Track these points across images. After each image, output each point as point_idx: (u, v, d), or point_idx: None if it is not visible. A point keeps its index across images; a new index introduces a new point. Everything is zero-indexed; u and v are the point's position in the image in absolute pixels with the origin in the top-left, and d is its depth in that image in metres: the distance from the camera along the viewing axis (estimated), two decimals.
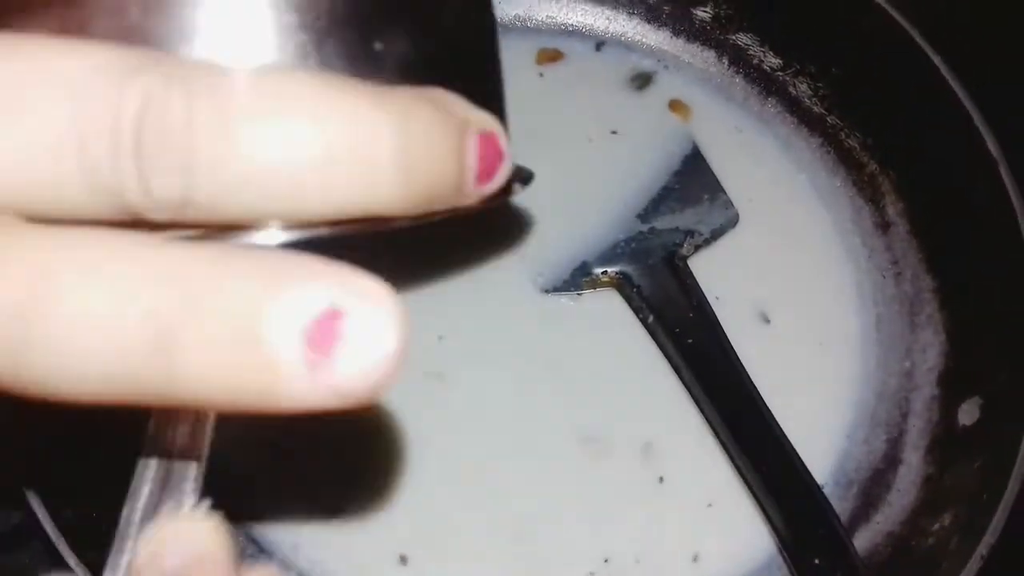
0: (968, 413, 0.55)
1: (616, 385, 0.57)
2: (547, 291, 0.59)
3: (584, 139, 0.64)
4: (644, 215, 0.61)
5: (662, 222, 0.61)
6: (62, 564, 0.46)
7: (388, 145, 0.24)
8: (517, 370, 0.57)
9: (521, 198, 0.62)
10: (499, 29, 0.54)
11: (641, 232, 0.61)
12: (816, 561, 0.50)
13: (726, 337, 0.57)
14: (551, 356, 0.58)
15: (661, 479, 0.55)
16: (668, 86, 0.66)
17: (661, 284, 0.59)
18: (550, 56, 0.67)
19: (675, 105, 0.66)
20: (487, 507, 0.54)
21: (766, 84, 0.67)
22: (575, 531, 0.54)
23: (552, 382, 0.57)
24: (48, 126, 0.22)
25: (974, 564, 0.47)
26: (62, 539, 0.44)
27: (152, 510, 0.29)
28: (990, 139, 0.55)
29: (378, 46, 0.28)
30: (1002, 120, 0.56)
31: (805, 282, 0.62)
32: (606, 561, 0.53)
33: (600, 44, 0.68)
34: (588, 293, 0.60)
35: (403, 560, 0.53)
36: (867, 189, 0.64)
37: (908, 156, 0.62)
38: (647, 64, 0.67)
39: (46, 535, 0.45)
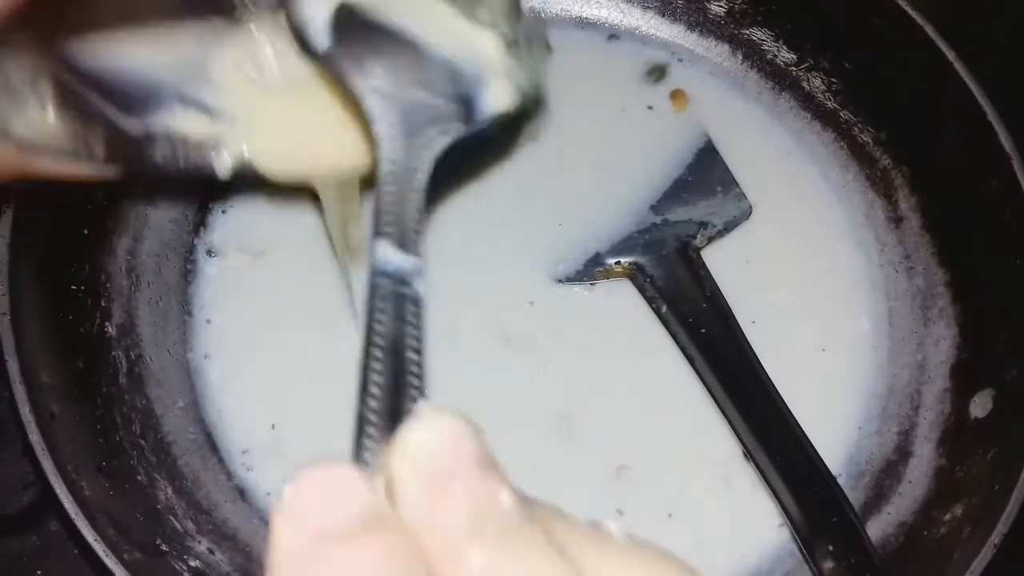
0: (980, 405, 0.55)
1: (629, 373, 0.58)
2: (561, 281, 0.60)
3: (598, 131, 0.64)
4: (657, 207, 0.61)
5: (675, 214, 0.61)
6: (80, 545, 0.46)
7: None
8: (531, 358, 0.58)
9: (536, 189, 0.62)
10: None
11: (654, 223, 0.61)
12: (829, 548, 0.50)
13: (739, 327, 0.57)
14: (564, 344, 0.58)
15: (672, 467, 0.56)
16: (682, 79, 0.67)
17: (674, 275, 0.59)
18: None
19: (675, 95, 0.66)
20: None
21: (780, 79, 0.67)
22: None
23: (564, 369, 0.58)
24: None
25: (986, 553, 0.47)
26: (81, 515, 0.44)
27: (387, 407, 0.28)
28: (1003, 134, 0.56)
29: None
30: (1015, 115, 0.56)
31: (817, 275, 0.62)
32: None
33: (613, 36, 0.68)
34: (602, 283, 0.60)
35: None
36: (880, 184, 0.64)
37: (921, 151, 0.62)
38: (661, 57, 0.67)
39: (63, 513, 0.45)
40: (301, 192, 0.60)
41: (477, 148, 0.42)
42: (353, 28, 0.39)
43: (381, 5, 0.39)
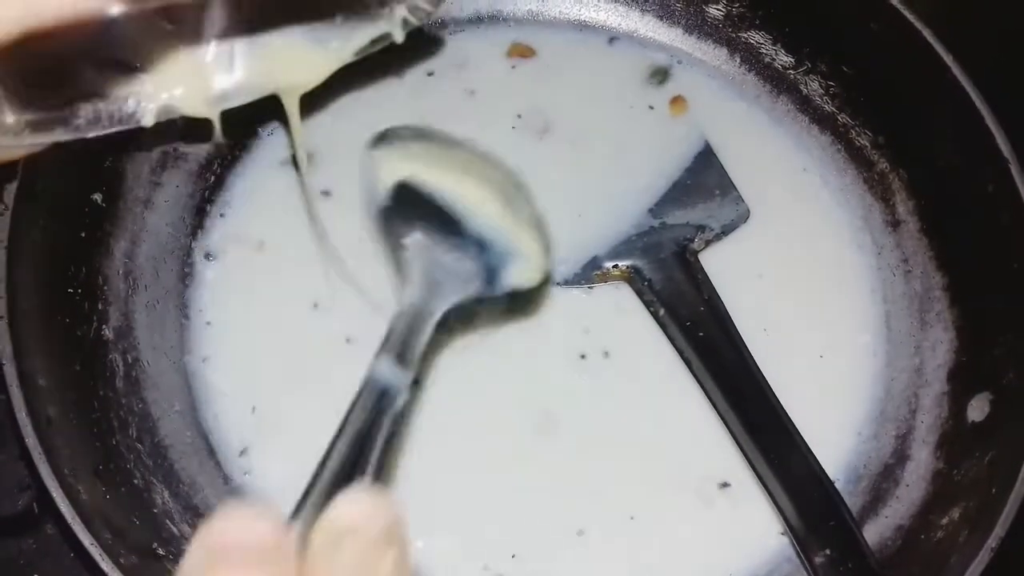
0: (977, 409, 0.55)
1: (628, 376, 0.58)
2: (559, 284, 0.60)
3: (597, 134, 0.64)
4: (655, 210, 0.61)
5: (673, 217, 0.61)
6: (76, 548, 0.46)
7: None
8: (529, 360, 0.58)
9: (534, 192, 0.62)
10: (512, 23, 0.56)
11: (652, 227, 0.61)
12: (827, 552, 0.50)
13: (737, 331, 0.57)
14: (564, 347, 0.58)
15: (672, 471, 0.56)
16: (681, 82, 0.67)
17: (672, 278, 0.59)
18: (521, 51, 0.67)
19: (674, 101, 0.66)
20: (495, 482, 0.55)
21: (777, 82, 0.67)
22: (576, 507, 0.55)
23: (561, 371, 0.58)
24: None
25: (984, 557, 0.47)
26: (77, 519, 0.44)
27: (333, 484, 0.35)
28: (1001, 138, 0.56)
29: None
30: (1012, 119, 0.56)
31: (815, 279, 0.62)
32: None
33: (612, 40, 0.68)
34: (599, 286, 0.60)
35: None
36: (877, 187, 0.64)
37: (919, 155, 0.62)
38: (660, 60, 0.67)
39: (59, 516, 0.45)
40: (298, 192, 0.61)
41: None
42: (408, 195, 0.47)
43: (435, 180, 0.47)
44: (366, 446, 0.37)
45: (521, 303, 0.58)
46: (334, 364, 0.56)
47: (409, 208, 0.47)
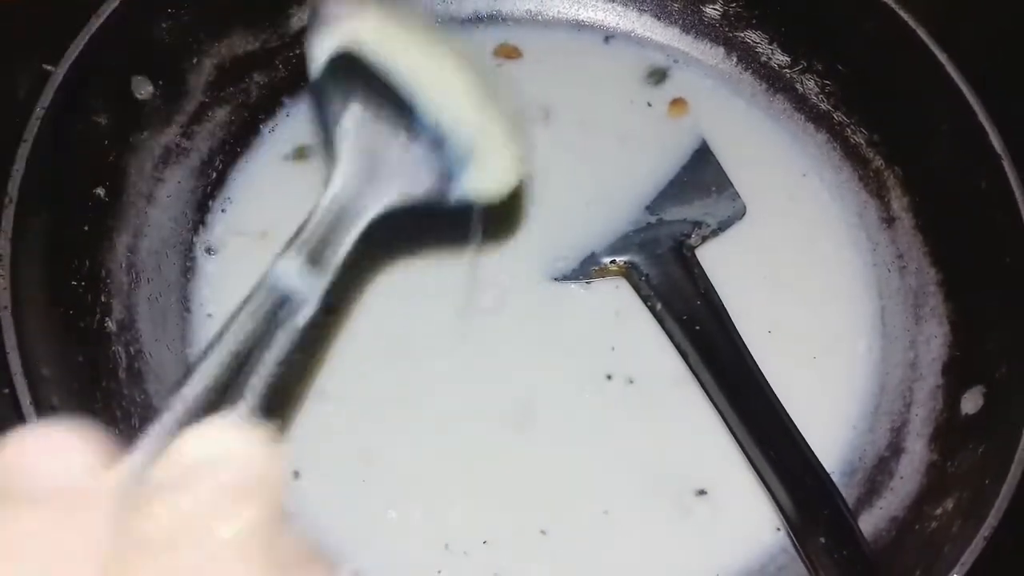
0: (971, 402, 0.55)
1: (624, 369, 0.58)
2: (556, 279, 0.60)
3: (594, 131, 0.65)
4: (652, 206, 0.62)
5: (670, 213, 0.62)
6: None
7: None
8: (525, 353, 0.58)
9: (532, 188, 0.63)
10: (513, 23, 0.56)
11: (649, 223, 0.62)
12: (822, 540, 0.51)
13: (733, 325, 0.58)
14: (559, 341, 0.59)
15: (669, 463, 0.56)
16: (678, 81, 0.67)
17: (669, 273, 0.60)
18: (507, 52, 0.68)
19: (674, 103, 0.66)
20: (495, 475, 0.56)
21: (774, 81, 0.68)
22: (545, 503, 0.55)
23: (558, 365, 0.58)
24: None
25: (977, 546, 0.47)
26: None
27: (203, 409, 0.28)
28: (994, 135, 0.56)
29: None
30: (1006, 116, 0.57)
31: (811, 275, 0.63)
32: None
33: (609, 39, 0.69)
34: (597, 281, 0.61)
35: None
36: (873, 184, 0.64)
37: (913, 152, 0.62)
38: (657, 59, 0.68)
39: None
40: (301, 185, 0.61)
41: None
42: (352, 68, 0.39)
43: (389, 56, 0.39)
44: (249, 364, 0.30)
45: (485, 220, 0.48)
46: (338, 354, 0.57)
47: (352, 82, 0.39)
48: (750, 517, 0.55)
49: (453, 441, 0.56)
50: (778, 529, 0.55)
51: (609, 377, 0.58)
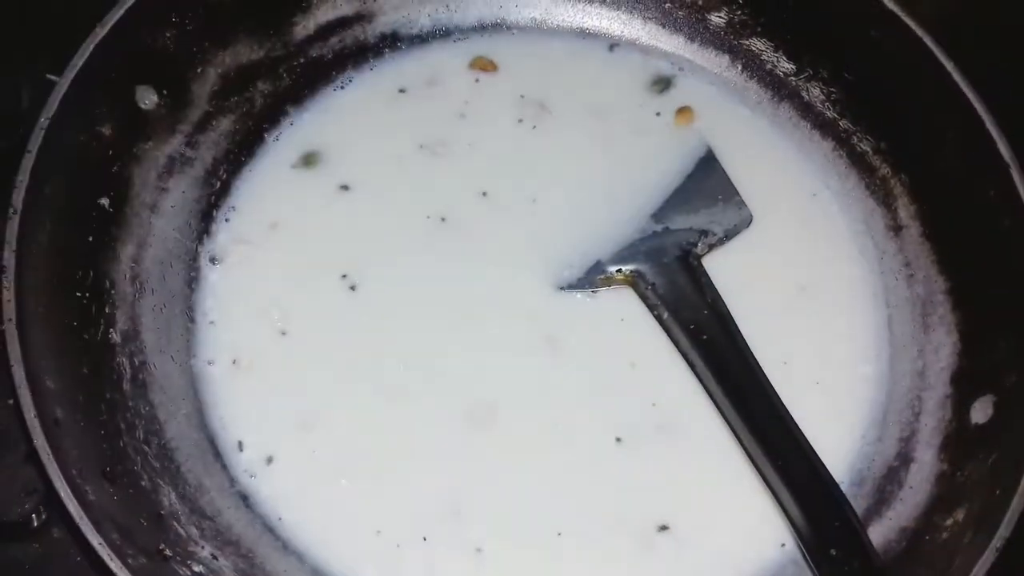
0: (981, 411, 0.55)
1: (632, 378, 0.58)
2: (563, 288, 0.60)
3: (600, 139, 0.65)
4: (659, 215, 0.62)
5: (676, 222, 0.62)
6: (84, 549, 0.46)
7: None
8: (534, 363, 0.58)
9: (538, 198, 0.63)
10: (518, 31, 0.56)
11: (656, 231, 0.61)
12: (832, 552, 0.50)
13: (740, 334, 0.57)
14: (567, 350, 0.59)
15: (677, 472, 0.56)
16: (683, 89, 0.67)
17: (675, 282, 0.59)
18: (483, 65, 0.67)
19: (681, 112, 0.66)
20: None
21: (779, 89, 0.68)
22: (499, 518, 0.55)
23: (567, 375, 0.58)
24: None
25: (988, 558, 0.47)
26: (85, 520, 0.44)
27: None
28: (1002, 143, 0.56)
29: None
30: (1013, 125, 0.57)
31: (818, 284, 0.62)
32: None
33: (613, 47, 0.69)
34: (603, 290, 0.60)
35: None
36: (880, 192, 0.64)
37: (920, 159, 0.62)
38: (662, 68, 0.68)
39: (67, 518, 0.45)
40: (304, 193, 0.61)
41: None
42: None
43: None
44: None
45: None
46: (343, 365, 0.57)
47: None
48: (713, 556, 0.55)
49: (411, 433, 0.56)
50: (783, 545, 0.55)
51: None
